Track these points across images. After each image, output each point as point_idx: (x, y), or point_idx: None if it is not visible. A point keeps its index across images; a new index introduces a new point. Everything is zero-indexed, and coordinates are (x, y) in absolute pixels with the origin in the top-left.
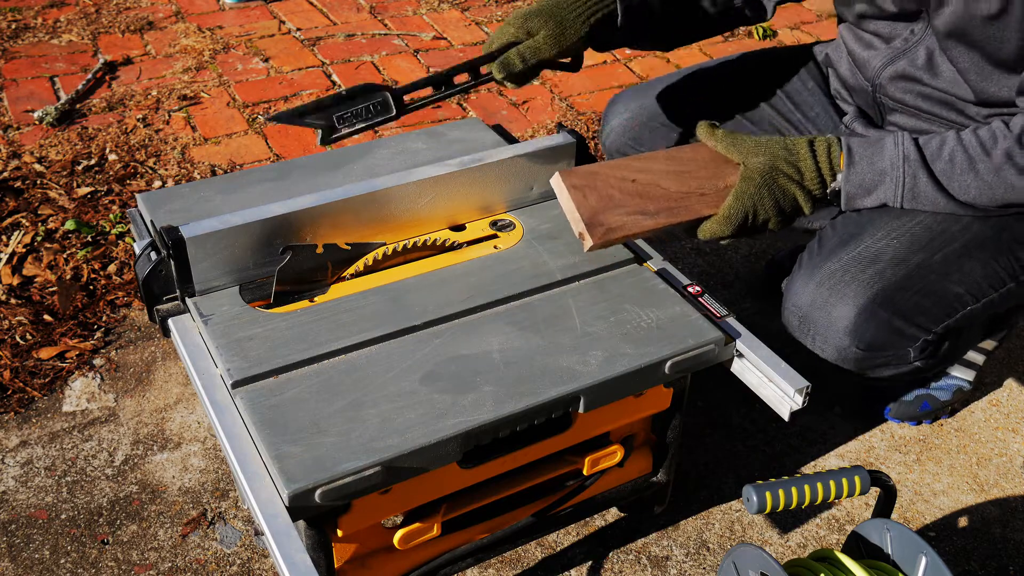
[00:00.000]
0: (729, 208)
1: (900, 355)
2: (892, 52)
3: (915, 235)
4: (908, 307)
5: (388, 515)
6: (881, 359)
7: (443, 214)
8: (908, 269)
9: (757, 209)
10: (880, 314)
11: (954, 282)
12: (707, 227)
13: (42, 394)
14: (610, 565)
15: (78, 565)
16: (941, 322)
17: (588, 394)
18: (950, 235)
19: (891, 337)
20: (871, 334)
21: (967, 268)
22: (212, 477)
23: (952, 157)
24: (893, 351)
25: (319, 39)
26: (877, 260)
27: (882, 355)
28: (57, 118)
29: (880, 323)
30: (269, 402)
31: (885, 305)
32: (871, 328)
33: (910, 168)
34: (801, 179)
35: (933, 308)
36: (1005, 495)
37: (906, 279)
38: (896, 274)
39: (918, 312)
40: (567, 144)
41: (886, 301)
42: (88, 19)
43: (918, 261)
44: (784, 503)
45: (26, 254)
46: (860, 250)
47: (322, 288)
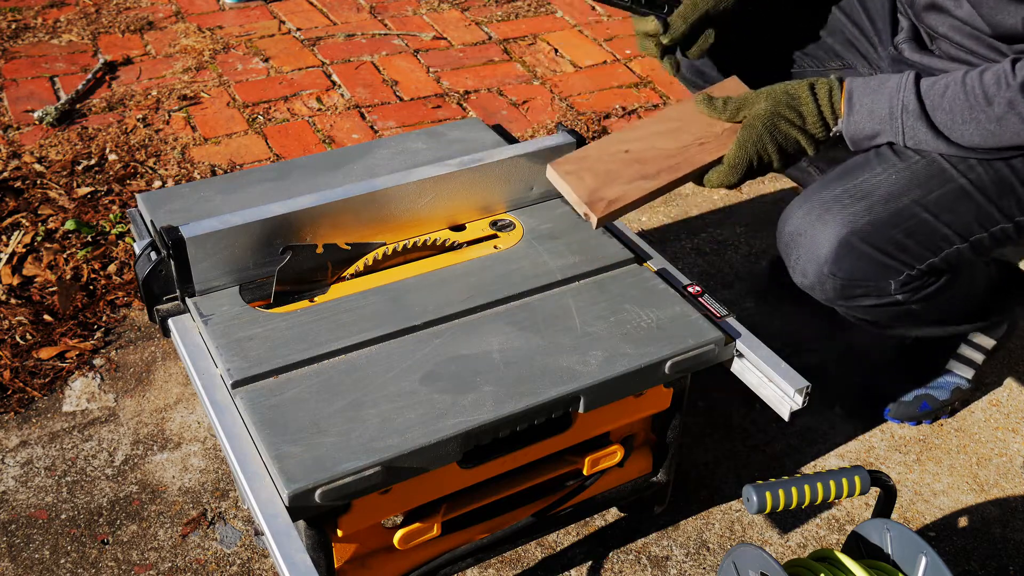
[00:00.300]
0: (734, 157)
1: (880, 286)
2: None
3: (915, 173)
4: (891, 243)
5: (388, 515)
6: (860, 289)
7: (443, 214)
8: (898, 207)
9: (761, 154)
10: (860, 247)
11: (944, 222)
12: (713, 177)
13: (42, 394)
14: (610, 565)
15: (78, 565)
16: (926, 259)
17: (588, 394)
18: (950, 175)
19: (871, 268)
20: (849, 264)
21: (961, 208)
22: (212, 477)
23: (952, 107)
24: (873, 282)
25: (319, 39)
26: (869, 195)
27: (861, 284)
28: (57, 118)
29: (860, 255)
30: (269, 402)
31: (867, 238)
32: (850, 259)
33: (909, 119)
34: (803, 123)
35: (917, 247)
36: (1005, 495)
37: (894, 215)
38: (885, 210)
39: (901, 249)
40: (567, 144)
41: (868, 235)
42: (88, 19)
43: (911, 198)
44: (784, 503)
45: (26, 254)
46: (856, 183)
47: (322, 288)
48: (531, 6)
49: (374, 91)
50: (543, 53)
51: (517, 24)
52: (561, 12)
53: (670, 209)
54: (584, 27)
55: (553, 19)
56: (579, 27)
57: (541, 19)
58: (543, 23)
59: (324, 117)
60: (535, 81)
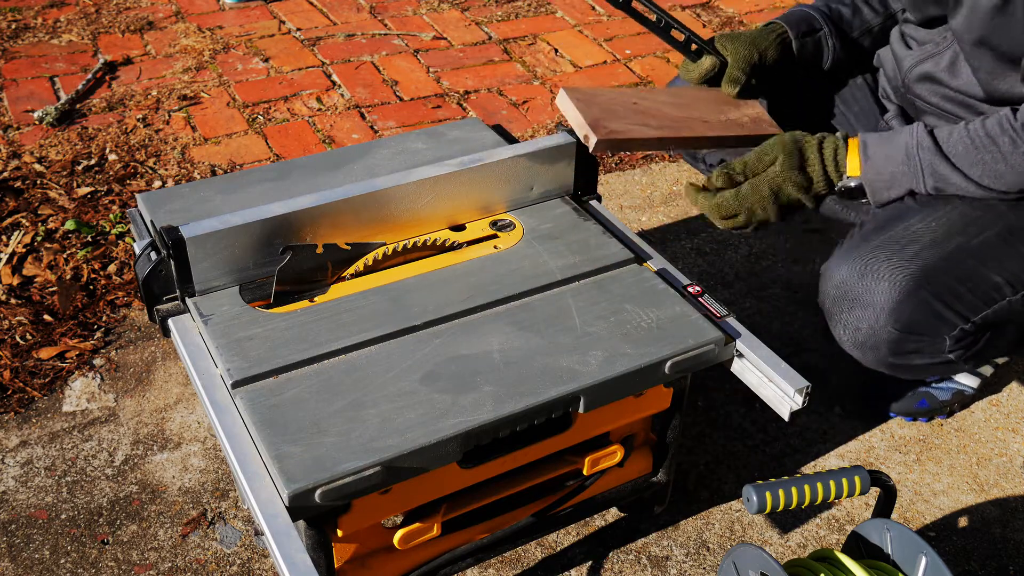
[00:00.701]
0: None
1: (935, 343)
2: (922, 54)
3: (951, 220)
4: (947, 291)
5: (388, 515)
6: (914, 343)
7: (443, 214)
8: (946, 251)
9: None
10: (919, 292)
11: (992, 269)
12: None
13: (42, 394)
14: (610, 565)
15: (78, 565)
16: (979, 311)
17: (588, 394)
18: (986, 222)
19: (929, 319)
20: (909, 312)
21: (1004, 257)
22: (212, 477)
23: (958, 151)
24: (929, 336)
25: (319, 39)
26: (916, 241)
27: (916, 339)
28: (57, 118)
29: (919, 302)
30: (269, 402)
31: (924, 284)
32: (910, 306)
33: (926, 155)
34: (809, 185)
35: (970, 295)
36: (1005, 495)
37: (944, 261)
38: (934, 255)
39: (956, 298)
40: (567, 144)
41: (924, 280)
42: (88, 19)
43: (956, 244)
44: (784, 503)
45: (26, 254)
46: (898, 231)
47: (322, 288)
48: (531, 6)
49: (374, 91)
50: (543, 53)
51: (517, 24)
52: (561, 12)
53: (670, 209)
54: (584, 27)
55: (553, 19)
56: (579, 27)
57: (541, 19)
58: (543, 23)
59: (324, 117)
60: (535, 81)
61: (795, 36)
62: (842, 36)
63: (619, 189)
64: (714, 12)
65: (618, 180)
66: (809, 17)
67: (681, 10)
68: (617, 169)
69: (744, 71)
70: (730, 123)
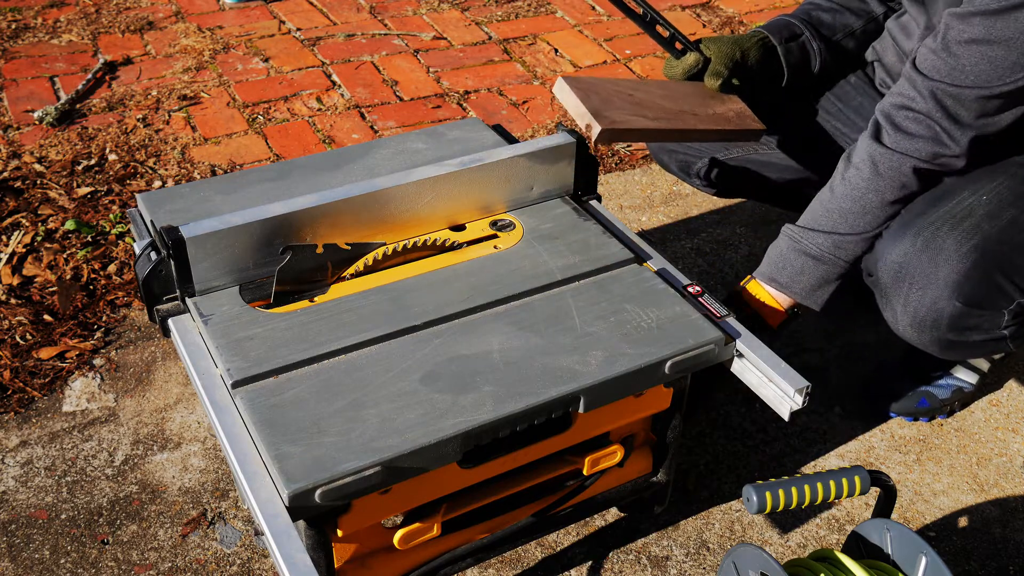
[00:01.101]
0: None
1: (994, 318)
2: (927, 34)
3: (1001, 194)
4: (1007, 262)
5: (388, 515)
6: (976, 318)
7: (443, 214)
8: (1002, 224)
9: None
10: (983, 265)
11: None
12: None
13: (42, 394)
14: (610, 565)
15: (78, 565)
16: None
17: (588, 394)
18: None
19: (991, 293)
20: (972, 285)
21: None
22: (212, 477)
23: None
24: (990, 310)
25: (319, 39)
26: (971, 214)
27: (979, 314)
28: (57, 118)
29: (983, 275)
30: (269, 402)
31: (986, 256)
32: (974, 279)
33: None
34: None
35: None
36: (1005, 495)
37: (1002, 232)
38: (992, 227)
39: (1015, 270)
40: (567, 144)
41: (987, 253)
42: (88, 19)
43: (1010, 216)
44: (784, 503)
45: (26, 254)
46: (951, 205)
47: (322, 288)
48: (531, 6)
49: (374, 91)
50: (543, 53)
51: (517, 24)
52: (561, 12)
53: (670, 209)
54: (584, 27)
55: (553, 19)
56: (579, 27)
57: (541, 19)
58: (543, 23)
59: (324, 117)
60: (535, 81)
61: (779, 42)
62: (825, 40)
63: (619, 189)
64: (714, 12)
65: (618, 180)
66: (789, 24)
67: (681, 10)
68: (617, 169)
69: (726, 66)
70: (717, 117)
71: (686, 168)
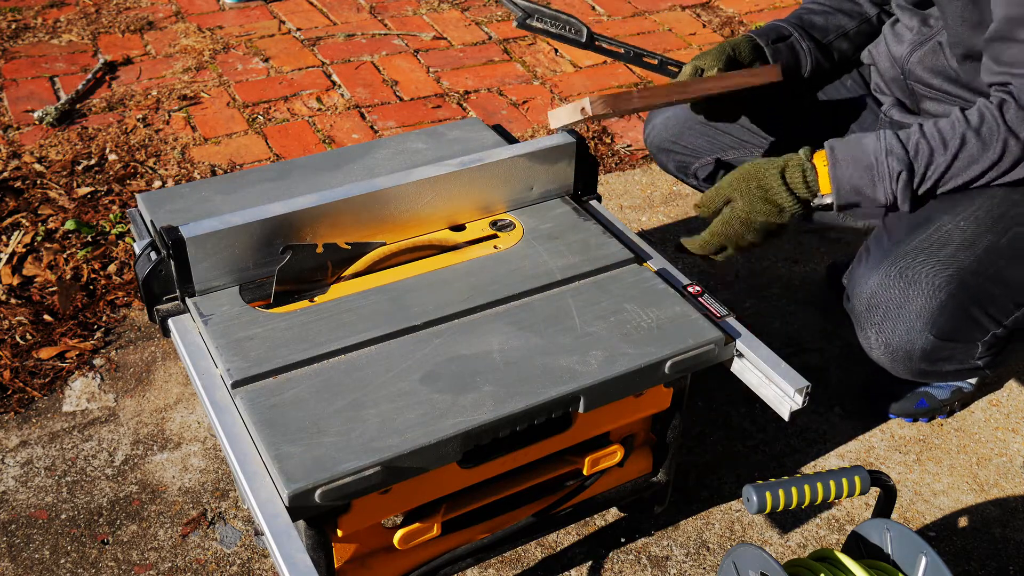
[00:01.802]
0: (711, 242)
1: (968, 350)
2: (920, 38)
3: (979, 218)
4: (982, 293)
5: (388, 515)
6: (949, 351)
7: (443, 214)
8: (978, 253)
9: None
10: (958, 297)
11: (1020, 268)
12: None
13: (42, 394)
14: (610, 565)
15: (78, 565)
16: (1011, 313)
17: (588, 394)
18: (1011, 218)
19: (966, 326)
20: (946, 319)
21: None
22: (212, 477)
23: (918, 148)
24: (964, 342)
25: (319, 39)
26: (948, 243)
27: (952, 346)
28: (57, 118)
29: (957, 308)
30: (269, 402)
31: (962, 289)
32: (947, 312)
33: (895, 160)
34: (781, 212)
35: (1002, 297)
36: (1005, 495)
37: (977, 263)
38: (967, 257)
39: (990, 300)
40: (567, 144)
41: (962, 286)
42: (88, 19)
43: (986, 244)
44: (784, 503)
45: (26, 254)
46: (929, 233)
47: (322, 288)
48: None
49: (374, 91)
50: (543, 53)
51: None
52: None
53: (670, 209)
54: None
55: None
56: None
57: None
58: None
59: (324, 117)
60: (535, 81)
61: (766, 43)
62: (815, 41)
63: (619, 189)
64: (714, 12)
65: (618, 180)
66: (778, 27)
67: (681, 10)
68: (617, 169)
69: (720, 59)
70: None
71: (684, 169)
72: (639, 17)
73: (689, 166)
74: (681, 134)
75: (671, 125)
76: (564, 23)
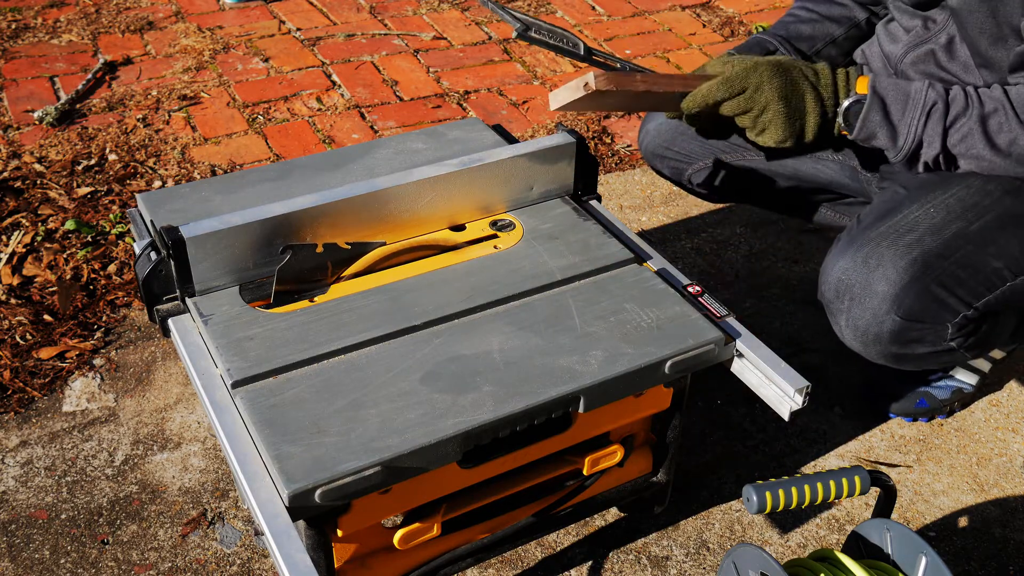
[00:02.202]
0: (733, 73)
1: (938, 331)
2: (914, 39)
3: (950, 207)
4: (947, 276)
5: (388, 515)
6: (917, 331)
7: (443, 214)
8: (945, 238)
9: (762, 86)
10: (921, 279)
11: (991, 255)
12: (702, 88)
13: (42, 394)
14: (610, 565)
15: (78, 565)
16: (981, 297)
17: (588, 394)
18: (983, 207)
19: (931, 306)
20: (911, 300)
21: (1003, 241)
22: (212, 477)
23: (955, 97)
24: (931, 323)
25: (319, 39)
26: (914, 228)
27: (919, 327)
28: (57, 118)
29: (921, 289)
30: (269, 402)
31: (925, 271)
32: (912, 293)
33: (933, 93)
34: (816, 80)
35: (972, 280)
36: (1005, 495)
37: (944, 247)
38: (934, 242)
39: (957, 283)
40: (567, 144)
41: (926, 267)
42: (88, 19)
43: (955, 230)
44: (784, 503)
45: (26, 254)
46: (897, 220)
47: (322, 288)
48: (531, 6)
49: (374, 91)
50: (543, 53)
51: None
52: (561, 12)
53: (670, 209)
54: (584, 27)
55: (553, 19)
56: (579, 27)
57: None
58: None
59: (324, 117)
60: (535, 81)
61: None
62: (802, 53)
63: (619, 189)
64: (714, 12)
65: (618, 180)
66: (762, 41)
67: (681, 10)
68: (617, 169)
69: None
70: None
71: (678, 174)
72: (639, 17)
73: (683, 172)
74: (674, 140)
75: (664, 131)
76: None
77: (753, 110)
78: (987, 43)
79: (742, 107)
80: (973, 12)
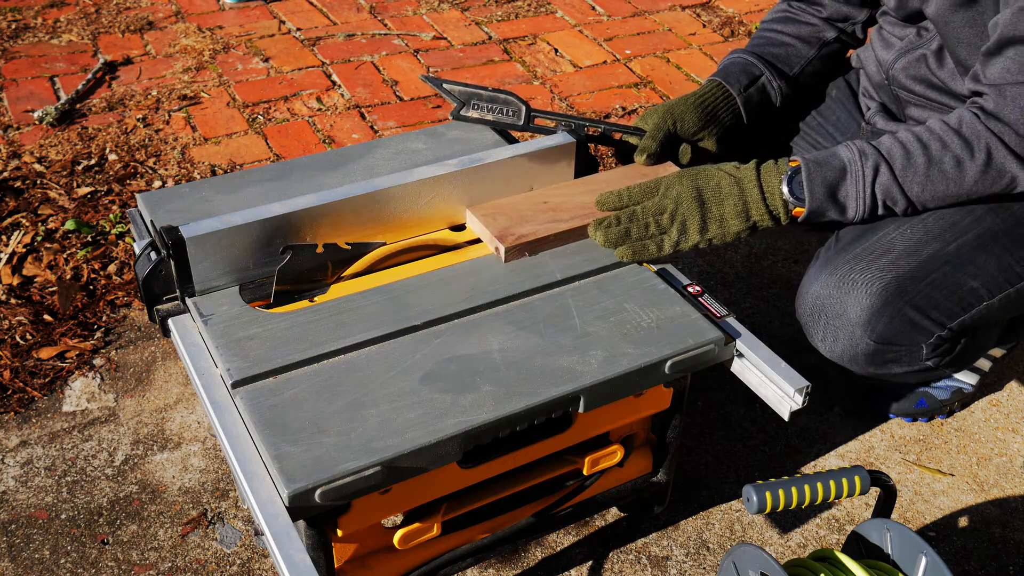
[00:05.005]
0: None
1: (912, 352)
2: (907, 46)
3: (927, 226)
4: (922, 298)
5: (388, 515)
6: (892, 353)
7: (443, 214)
8: (920, 259)
9: (680, 196)
10: (893, 303)
11: (968, 275)
12: (604, 196)
13: (42, 394)
14: (610, 565)
15: (78, 565)
16: (956, 317)
17: (588, 394)
18: (963, 227)
19: (905, 328)
20: (884, 324)
21: (981, 261)
22: (212, 477)
23: (891, 150)
24: (906, 345)
25: (319, 39)
26: (889, 250)
27: (894, 349)
28: (57, 118)
29: (894, 313)
30: (269, 402)
31: (898, 294)
32: (884, 317)
33: (868, 160)
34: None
35: (947, 301)
36: (1005, 495)
37: (919, 269)
38: (909, 264)
39: (932, 305)
40: (567, 144)
41: (899, 290)
42: (88, 19)
43: (931, 251)
44: (784, 503)
45: (26, 254)
46: (873, 241)
47: (322, 288)
48: (531, 6)
49: (374, 91)
50: (543, 53)
51: (517, 24)
52: (561, 12)
53: None
54: (584, 27)
55: (553, 19)
56: (579, 27)
57: (541, 19)
58: (543, 23)
59: (324, 117)
60: (535, 81)
61: (738, 93)
62: (785, 77)
63: None
64: (714, 12)
65: None
66: (747, 66)
67: (681, 10)
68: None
69: (655, 139)
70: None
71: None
72: (639, 17)
73: None
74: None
75: None
76: (502, 105)
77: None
78: (966, 52)
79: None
80: (949, 23)
